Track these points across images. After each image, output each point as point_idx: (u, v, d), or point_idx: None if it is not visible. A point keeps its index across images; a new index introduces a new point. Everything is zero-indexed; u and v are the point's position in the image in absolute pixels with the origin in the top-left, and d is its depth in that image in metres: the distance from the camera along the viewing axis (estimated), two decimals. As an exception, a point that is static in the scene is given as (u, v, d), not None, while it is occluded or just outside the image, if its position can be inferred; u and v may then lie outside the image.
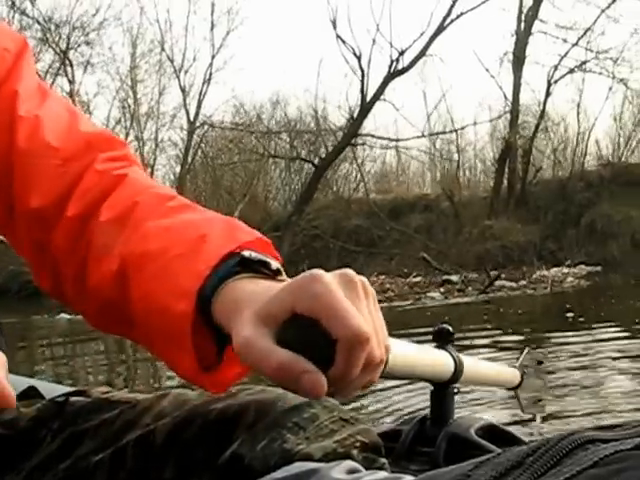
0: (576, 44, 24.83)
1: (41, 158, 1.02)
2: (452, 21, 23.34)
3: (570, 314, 11.52)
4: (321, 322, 0.73)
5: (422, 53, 23.38)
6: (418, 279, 18.96)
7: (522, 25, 25.14)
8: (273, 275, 0.86)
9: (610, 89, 25.08)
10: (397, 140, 26.32)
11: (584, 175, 24.63)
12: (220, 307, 0.83)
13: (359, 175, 27.95)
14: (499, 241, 22.52)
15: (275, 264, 0.87)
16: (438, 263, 20.96)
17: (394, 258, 24.11)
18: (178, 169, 28.59)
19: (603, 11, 24.09)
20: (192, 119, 27.73)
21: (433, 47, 23.71)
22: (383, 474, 0.61)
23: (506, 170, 24.90)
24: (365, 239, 25.59)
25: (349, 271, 0.78)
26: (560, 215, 23.48)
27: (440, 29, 23.26)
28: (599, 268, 20.47)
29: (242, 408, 1.00)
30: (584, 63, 24.68)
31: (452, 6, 23.19)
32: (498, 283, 17.10)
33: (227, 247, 0.87)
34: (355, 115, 24.32)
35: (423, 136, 25.94)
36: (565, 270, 18.92)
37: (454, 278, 18.31)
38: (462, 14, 23.37)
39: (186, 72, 27.85)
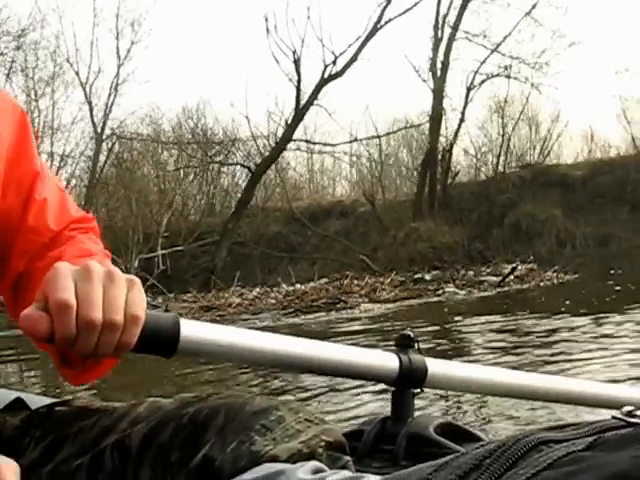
0: (495, 50, 25.20)
1: (39, 236, 1.25)
2: (381, 26, 23.34)
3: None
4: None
5: (354, 58, 23.28)
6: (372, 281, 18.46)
7: (439, 32, 25.40)
8: None
9: (529, 94, 25.44)
10: (332, 145, 26.04)
11: (505, 177, 24.95)
12: None
13: (276, 181, 27.52)
14: (428, 242, 22.47)
15: None
16: (370, 265, 20.75)
17: (316, 262, 23.88)
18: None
19: (527, 14, 24.53)
20: (100, 131, 27.00)
21: (366, 52, 23.72)
22: (346, 473, 0.63)
23: (434, 173, 24.91)
24: (285, 245, 25.26)
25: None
26: (484, 216, 23.69)
27: (371, 34, 23.22)
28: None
29: (212, 412, 1.04)
30: (506, 68, 25.08)
31: (382, 12, 23.22)
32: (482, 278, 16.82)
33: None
34: (289, 120, 23.97)
35: (355, 140, 25.72)
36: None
37: (427, 277, 17.99)
38: (390, 20, 23.41)
39: (91, 85, 27.08)
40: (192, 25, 46.19)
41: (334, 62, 23.28)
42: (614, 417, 0.65)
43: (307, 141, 25.45)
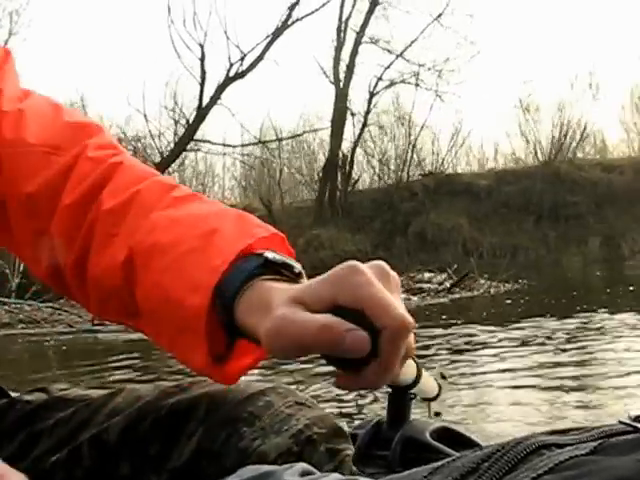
0: (399, 56, 24.37)
1: (29, 147, 1.00)
2: (288, 26, 22.10)
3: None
4: (365, 312, 0.71)
5: (260, 57, 21.90)
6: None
7: (342, 35, 24.46)
8: (295, 278, 0.82)
9: (433, 102, 24.72)
10: (234, 146, 24.48)
11: (409, 185, 24.02)
12: (245, 307, 0.79)
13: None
14: (330, 250, 21.17)
15: (298, 267, 0.83)
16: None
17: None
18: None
19: (435, 20, 23.79)
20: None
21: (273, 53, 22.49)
22: (337, 476, 0.60)
23: (335, 179, 23.76)
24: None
25: (382, 263, 0.79)
26: (387, 224, 22.63)
27: (278, 33, 21.92)
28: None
29: (193, 402, 0.99)
30: (416, 75, 24.28)
31: (290, 12, 21.96)
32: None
33: (242, 242, 0.83)
34: (191, 119, 22.31)
35: (259, 142, 24.21)
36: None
37: None
38: (297, 20, 22.19)
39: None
40: (80, 16, 43.42)
41: (241, 60, 21.82)
42: (620, 422, 0.60)
43: (209, 142, 23.74)
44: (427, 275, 16.57)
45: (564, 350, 7.11)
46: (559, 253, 21.49)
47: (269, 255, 0.81)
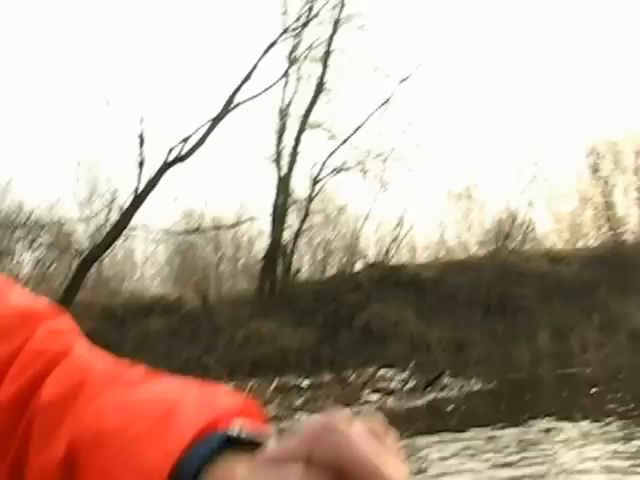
0: (344, 142, 23.87)
1: None
2: (229, 110, 21.37)
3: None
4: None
5: (201, 142, 21.08)
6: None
7: (284, 121, 23.89)
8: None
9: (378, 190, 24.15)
10: (171, 234, 23.46)
11: (352, 277, 23.18)
12: None
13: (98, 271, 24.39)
14: (272, 345, 20.04)
15: (269, 437, 0.70)
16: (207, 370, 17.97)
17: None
18: None
19: (382, 105, 23.38)
20: None
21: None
22: None
23: (275, 269, 22.84)
24: (101, 345, 22.03)
25: (375, 417, 0.69)
26: (331, 317, 21.62)
27: (218, 118, 21.19)
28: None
29: None
30: (361, 163, 23.71)
31: (232, 95, 21.36)
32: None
33: (201, 420, 0.72)
34: (126, 206, 21.32)
35: (198, 230, 23.20)
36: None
37: (303, 383, 15.57)
38: (239, 104, 21.53)
39: None
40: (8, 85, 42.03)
41: (182, 143, 20.99)
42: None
43: (145, 229, 22.68)
44: (386, 372, 15.63)
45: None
46: (508, 347, 20.75)
47: (233, 432, 0.71)
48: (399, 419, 11.35)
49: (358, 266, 24.39)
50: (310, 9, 23.13)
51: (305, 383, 15.47)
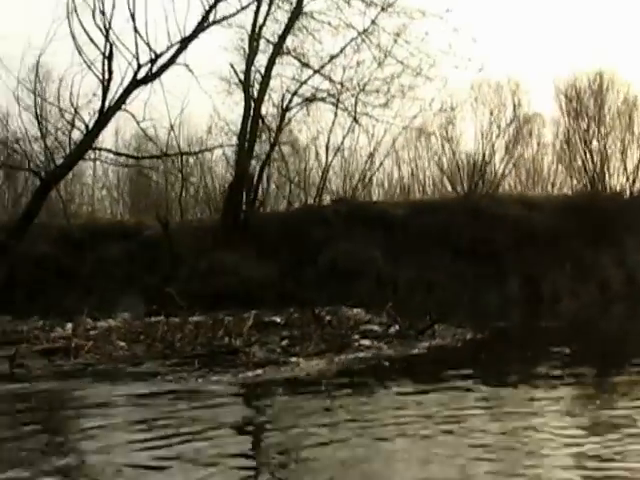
0: (317, 72, 22.87)
1: None
2: (202, 30, 20.29)
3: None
4: None
5: (171, 61, 20.06)
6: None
7: (255, 44, 22.73)
8: None
9: (352, 123, 23.27)
10: (137, 158, 22.37)
11: (319, 210, 22.40)
12: None
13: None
14: (235, 276, 19.27)
15: None
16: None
17: (94, 292, 20.08)
18: None
19: (360, 36, 22.34)
20: None
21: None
22: None
23: (240, 199, 21.93)
24: (56, 269, 21.20)
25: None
26: (296, 251, 20.88)
27: (191, 37, 20.19)
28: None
29: None
30: (335, 95, 22.79)
31: (206, 14, 20.24)
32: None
33: None
34: (91, 125, 20.16)
35: (165, 155, 22.13)
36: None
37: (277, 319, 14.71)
38: (214, 22, 20.45)
39: None
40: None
41: (152, 62, 19.87)
42: None
43: (111, 151, 21.60)
44: (359, 313, 14.97)
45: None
46: (477, 291, 20.28)
47: None
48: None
49: (325, 201, 23.61)
50: None
51: (279, 320, 14.79)
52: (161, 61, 20.23)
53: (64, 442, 6.83)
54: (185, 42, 20.04)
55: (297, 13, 22.18)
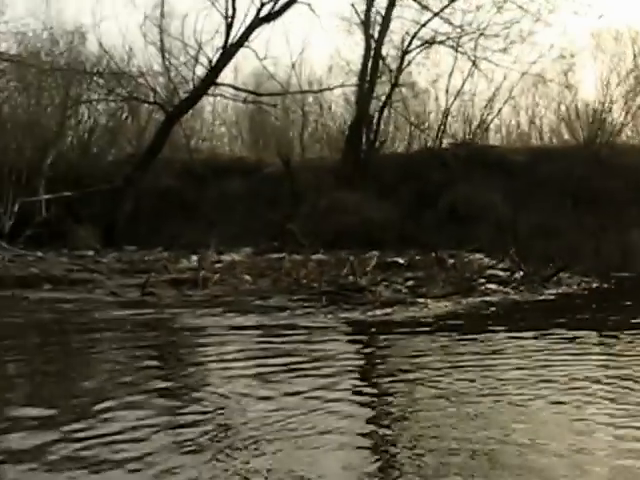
0: (437, 15, 22.71)
1: None
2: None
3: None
4: None
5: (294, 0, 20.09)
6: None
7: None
8: None
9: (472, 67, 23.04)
10: (260, 95, 22.69)
11: (438, 153, 22.37)
12: None
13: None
14: (356, 216, 19.44)
15: None
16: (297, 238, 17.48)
17: (215, 226, 20.59)
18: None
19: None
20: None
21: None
22: None
23: (360, 139, 22.02)
24: (179, 202, 21.78)
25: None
26: (415, 194, 20.95)
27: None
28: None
29: None
30: (455, 38, 22.58)
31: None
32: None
33: None
34: (214, 61, 20.53)
35: (286, 92, 22.40)
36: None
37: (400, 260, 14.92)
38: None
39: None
40: None
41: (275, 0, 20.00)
42: None
43: (233, 87, 21.91)
44: (482, 258, 15.01)
45: None
46: (598, 240, 19.95)
47: None
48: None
49: (445, 144, 23.49)
50: None
51: (402, 261, 14.96)
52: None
53: (184, 367, 7.19)
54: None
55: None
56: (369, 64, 22.37)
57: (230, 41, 20.43)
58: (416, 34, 22.92)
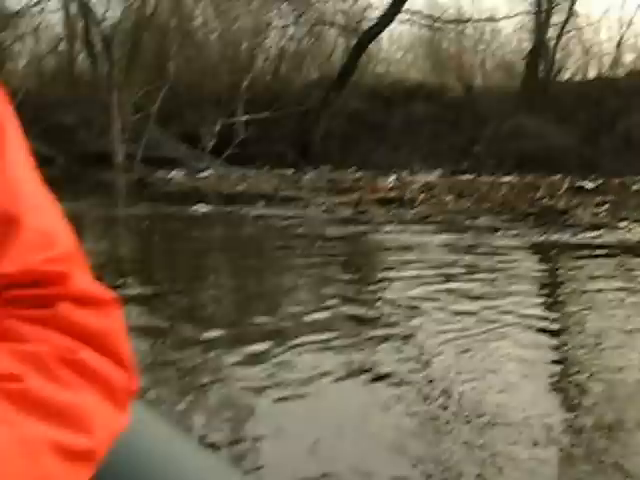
0: None
1: None
2: None
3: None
4: None
5: None
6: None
7: None
8: None
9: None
10: (446, 22, 23.96)
11: (613, 82, 23.16)
12: None
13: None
14: (536, 141, 20.71)
15: None
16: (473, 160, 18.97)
17: (402, 148, 22.19)
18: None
19: None
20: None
21: None
22: None
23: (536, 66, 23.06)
24: (365, 125, 23.44)
25: None
26: (592, 120, 21.91)
27: None
28: None
29: None
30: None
31: None
32: None
33: None
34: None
35: (468, 20, 23.68)
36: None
37: (588, 185, 15.99)
38: None
39: None
40: None
41: None
42: None
43: (419, 13, 23.26)
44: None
45: None
46: None
47: None
48: None
49: (619, 72, 24.26)
50: None
51: (589, 186, 15.78)
52: None
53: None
54: None
55: None
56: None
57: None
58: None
